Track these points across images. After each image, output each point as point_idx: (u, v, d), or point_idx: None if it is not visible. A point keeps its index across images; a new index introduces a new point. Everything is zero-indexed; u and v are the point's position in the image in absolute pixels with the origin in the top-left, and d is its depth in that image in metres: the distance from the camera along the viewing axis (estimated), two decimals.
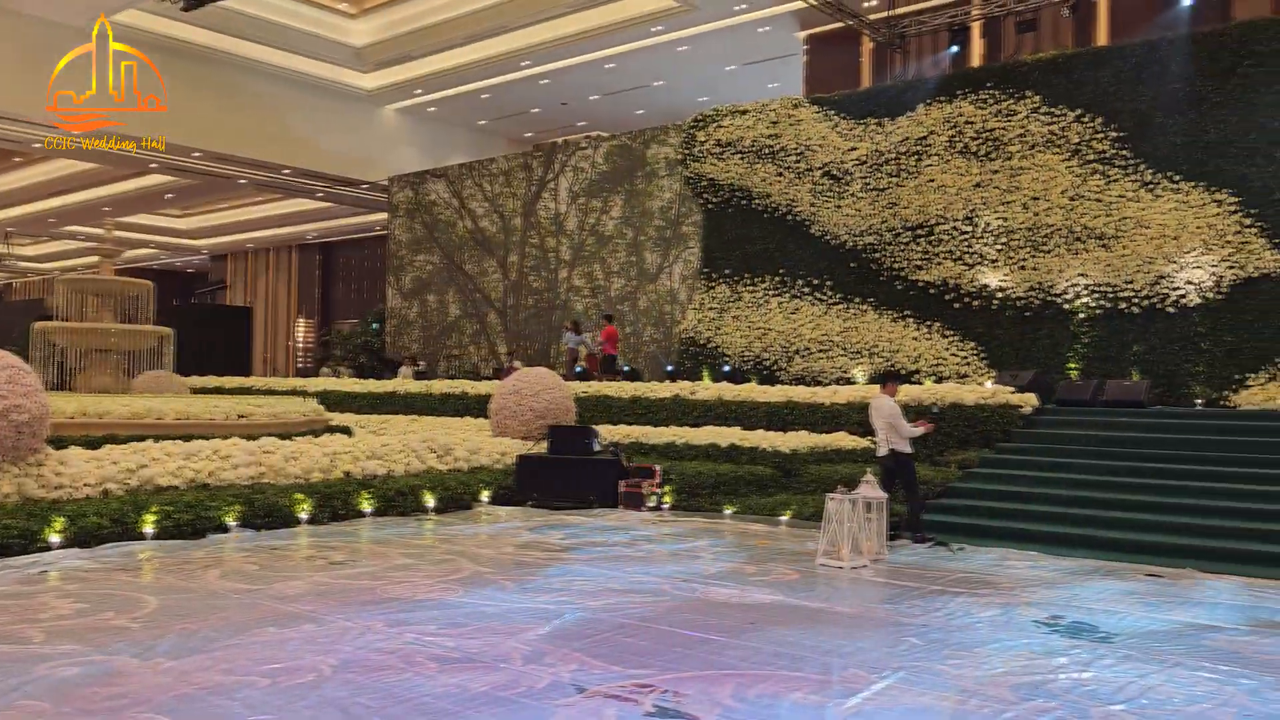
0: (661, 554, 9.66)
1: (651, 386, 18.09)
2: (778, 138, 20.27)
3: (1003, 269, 17.39)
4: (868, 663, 5.87)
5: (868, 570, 8.99)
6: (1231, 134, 15.61)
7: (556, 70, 27.98)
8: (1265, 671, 5.84)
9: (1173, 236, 15.79)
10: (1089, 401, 14.92)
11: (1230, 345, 15.23)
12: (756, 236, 20.45)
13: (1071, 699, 5.27)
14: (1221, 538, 10.00)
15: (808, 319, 19.41)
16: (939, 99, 18.46)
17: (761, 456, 13.88)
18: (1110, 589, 8.31)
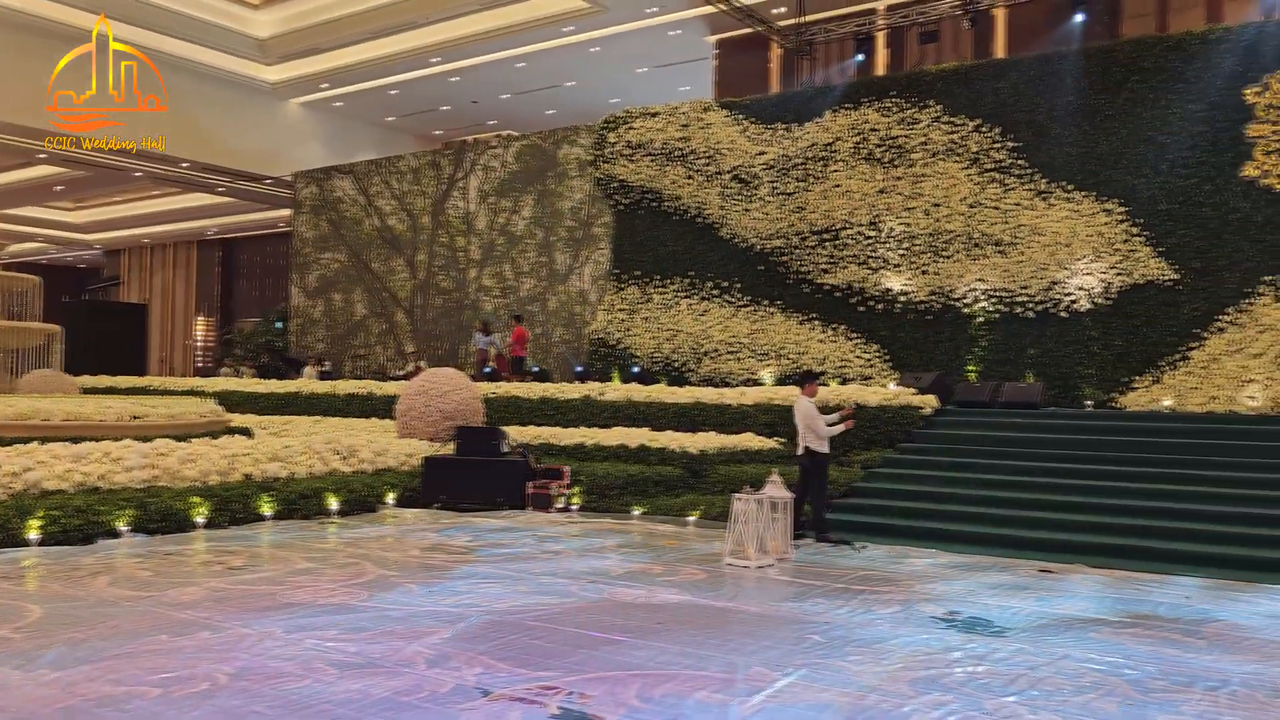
0: (569, 555, 9.64)
1: (561, 387, 18.05)
2: (688, 141, 20.42)
3: (905, 273, 17.81)
4: (771, 660, 5.94)
5: (773, 569, 9.11)
6: (1120, 146, 16.26)
7: (466, 68, 27.74)
8: (1146, 662, 6.09)
9: (1065, 244, 16.38)
10: (987, 403, 15.38)
11: (1119, 349, 15.87)
12: (667, 238, 20.57)
13: (966, 692, 5.42)
14: (1108, 534, 10.40)
15: (717, 321, 19.59)
16: (845, 106, 18.82)
17: (670, 457, 13.96)
18: (1005, 584, 8.58)
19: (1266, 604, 7.94)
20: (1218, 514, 10.52)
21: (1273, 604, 7.95)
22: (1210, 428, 13.21)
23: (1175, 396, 14.95)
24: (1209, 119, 15.60)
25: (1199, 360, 15.11)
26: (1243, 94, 15.37)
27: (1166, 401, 14.96)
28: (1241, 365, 14.66)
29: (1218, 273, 15.30)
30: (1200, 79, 15.72)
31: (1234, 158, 15.36)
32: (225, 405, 18.18)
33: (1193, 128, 15.71)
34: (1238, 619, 7.37)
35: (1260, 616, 7.47)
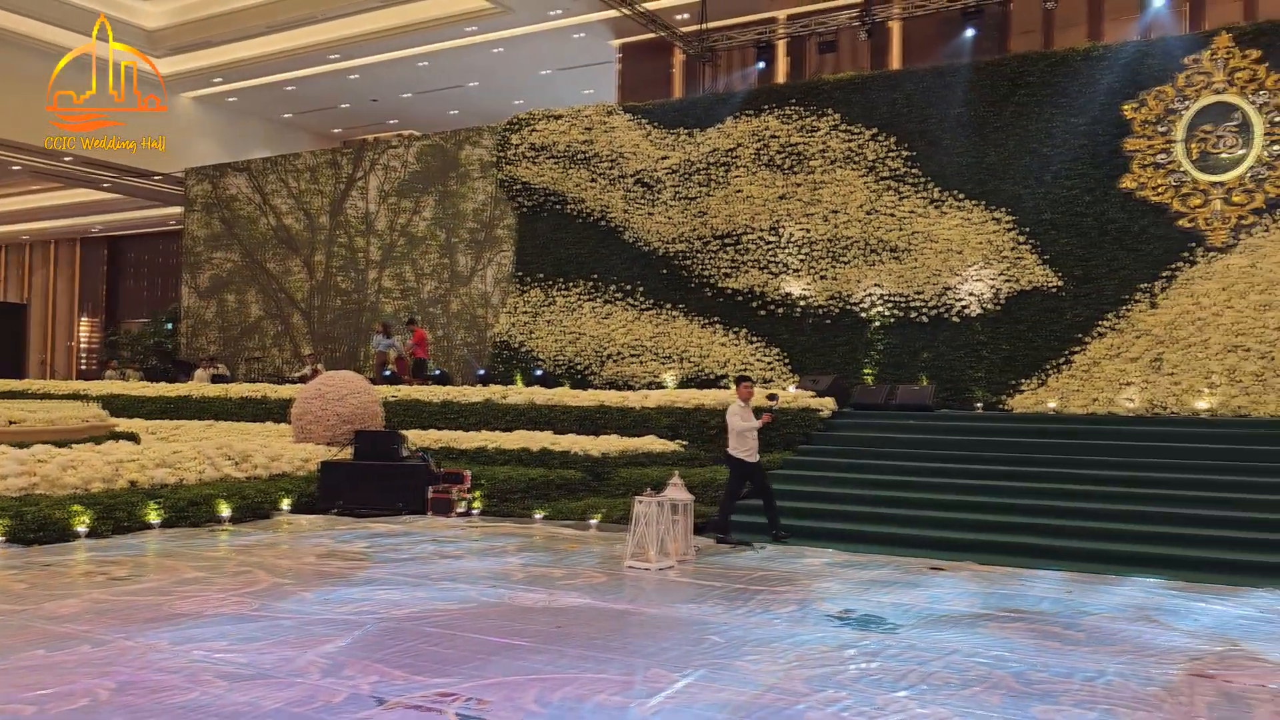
0: (469, 560, 9.55)
1: (463, 391, 17.86)
2: (591, 144, 20.44)
3: (805, 278, 18.13)
4: (670, 662, 5.99)
5: (674, 571, 9.17)
6: (1007, 157, 16.85)
7: (366, 65, 27.26)
8: (1029, 654, 6.32)
9: (957, 251, 16.90)
10: (882, 405, 15.75)
11: (1006, 353, 16.43)
12: (570, 241, 20.55)
13: (859, 688, 5.55)
14: (997, 531, 10.76)
15: (620, 324, 19.65)
16: (746, 113, 19.09)
17: (572, 460, 13.94)
18: (898, 582, 8.80)
19: (1137, 595, 8.32)
20: (1099, 511, 10.96)
21: (1142, 595, 8.33)
22: (1091, 428, 13.77)
23: (1059, 399, 15.56)
24: (1090, 133, 16.28)
25: (1081, 364, 15.75)
26: (1121, 109, 16.09)
27: (1051, 403, 15.56)
28: (1120, 369, 15.33)
29: (1098, 280, 15.97)
30: (1082, 94, 16.40)
31: (1113, 170, 16.07)
32: (110, 409, 17.49)
33: (1075, 141, 16.37)
34: (1116, 611, 7.70)
35: (1138, 609, 7.81)
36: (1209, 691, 5.62)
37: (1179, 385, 14.79)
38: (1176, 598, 8.31)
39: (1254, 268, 14.89)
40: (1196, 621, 7.43)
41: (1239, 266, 15.03)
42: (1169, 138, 15.76)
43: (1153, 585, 8.85)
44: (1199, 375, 14.70)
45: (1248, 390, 14.29)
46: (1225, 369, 14.56)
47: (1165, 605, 7.99)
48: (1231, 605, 8.04)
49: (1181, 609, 7.85)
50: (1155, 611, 7.73)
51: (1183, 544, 10.01)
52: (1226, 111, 15.45)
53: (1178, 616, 7.58)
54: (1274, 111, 15.12)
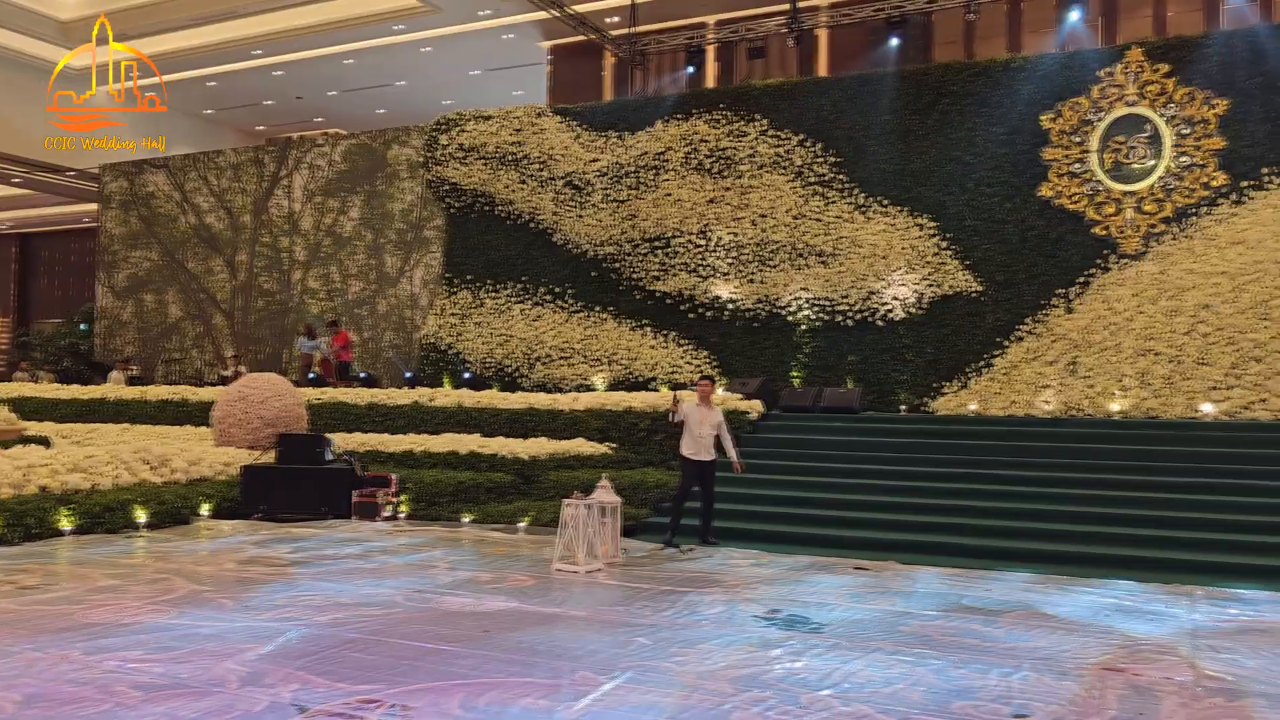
0: (395, 565, 9.44)
1: (390, 393, 17.64)
2: (521, 145, 20.35)
3: (733, 281, 18.28)
4: (597, 664, 5.99)
5: (602, 574, 9.17)
6: (931, 165, 17.20)
7: (291, 62, 26.80)
8: (950, 652, 6.46)
9: (882, 256, 17.18)
10: (809, 408, 15.95)
11: (930, 357, 16.76)
12: (499, 243, 20.44)
13: (784, 687, 5.61)
14: (920, 531, 10.97)
15: (550, 326, 19.59)
16: (676, 116, 19.18)
17: (501, 463, 13.86)
18: (823, 582, 8.92)
19: (1057, 594, 8.55)
20: (1019, 511, 11.25)
21: (1063, 594, 8.56)
22: (1011, 430, 14.11)
23: (980, 401, 15.91)
24: (1010, 142, 16.70)
25: (1001, 367, 16.13)
26: (1039, 119, 16.53)
27: (972, 406, 15.90)
28: (1038, 372, 15.74)
29: (1017, 285, 16.38)
30: (1002, 104, 16.81)
31: (1031, 179, 16.50)
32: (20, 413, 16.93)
33: (995, 149, 16.77)
34: (1033, 608, 7.90)
35: (1052, 605, 8.03)
36: (1119, 684, 5.79)
37: (1093, 388, 15.23)
38: (1098, 594, 8.55)
39: (1163, 275, 15.41)
40: (1110, 617, 7.65)
41: (1150, 273, 15.53)
42: (1084, 148, 16.23)
43: (1076, 582, 9.09)
44: (1112, 378, 15.16)
45: (1158, 393, 14.78)
46: (1137, 372, 15.03)
47: (1089, 602, 8.21)
48: (1146, 601, 8.30)
49: (1099, 605, 8.08)
50: (1075, 607, 7.94)
51: (1104, 542, 10.31)
52: (1138, 123, 15.97)
53: (1096, 612, 7.79)
54: (1182, 124, 15.67)
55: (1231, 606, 8.17)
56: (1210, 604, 8.26)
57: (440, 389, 18.08)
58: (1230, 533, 10.25)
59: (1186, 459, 12.21)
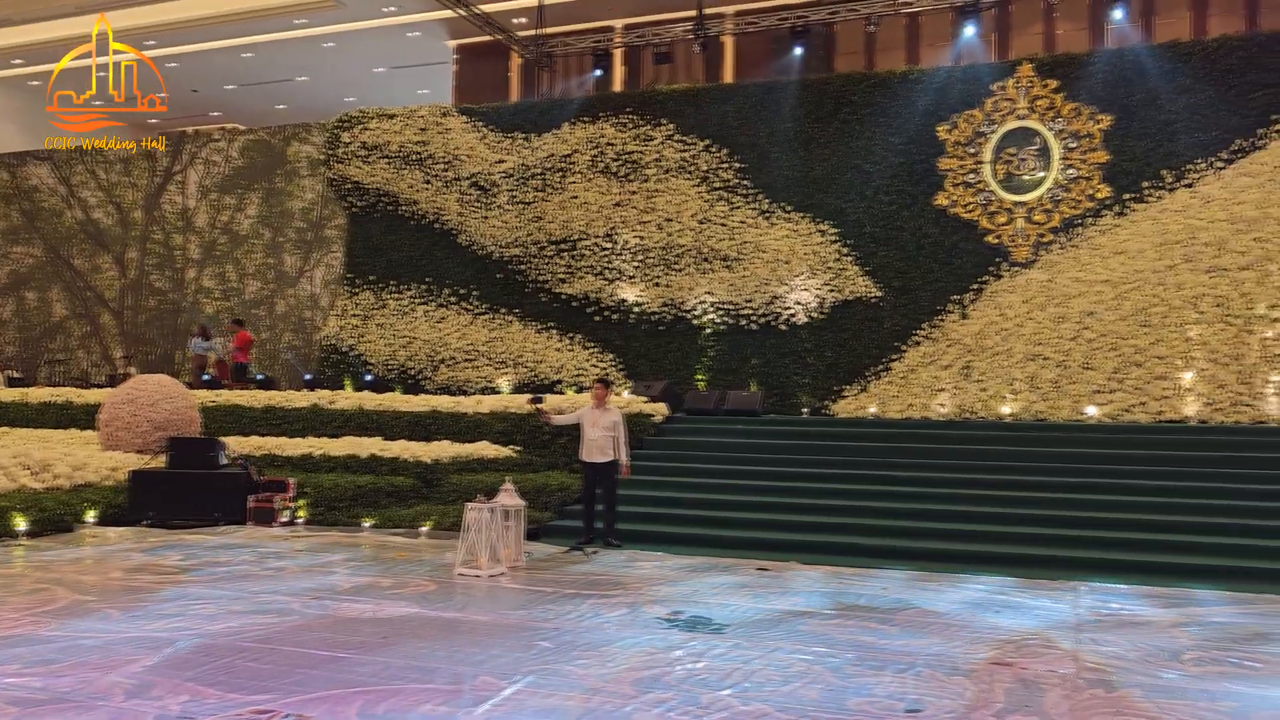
0: (292, 571, 9.22)
1: (288, 396, 17.23)
2: (426, 145, 20.10)
3: (639, 285, 18.36)
4: (499, 669, 5.95)
5: (505, 578, 9.11)
6: (832, 172, 17.55)
7: (186, 54, 25.95)
8: (847, 650, 6.59)
9: (785, 261, 17.46)
10: (713, 410, 16.11)
11: (830, 360, 17.09)
12: (403, 243, 20.14)
13: (685, 688, 5.65)
14: (820, 532, 11.18)
15: (454, 328, 19.38)
16: (583, 119, 19.18)
17: (403, 467, 13.65)
18: (725, 583, 9.02)
19: (951, 592, 8.81)
20: (915, 511, 11.55)
21: (957, 592, 8.83)
22: (908, 432, 14.49)
23: (879, 404, 16.29)
24: (907, 151, 17.14)
25: (899, 371, 16.54)
26: (936, 130, 17.00)
27: (871, 409, 16.27)
28: (934, 376, 16.18)
29: (914, 291, 16.81)
30: (901, 115, 17.24)
31: (928, 188, 16.96)
32: None
33: (894, 159, 17.19)
34: (927, 605, 8.13)
35: (945, 603, 8.27)
36: (1007, 678, 5.99)
37: (986, 391, 15.73)
38: (988, 591, 8.83)
39: (1051, 282, 16.00)
40: (999, 614, 7.91)
41: (1038, 281, 16.11)
42: (978, 159, 16.76)
43: (969, 580, 9.37)
44: (1004, 382, 15.68)
45: (1045, 396, 15.34)
46: (1026, 376, 15.58)
47: (978, 599, 8.48)
48: (1034, 597, 8.61)
49: (989, 602, 8.35)
50: (967, 605, 8.20)
51: (997, 541, 10.65)
52: (1028, 136, 16.56)
53: (986, 609, 8.05)
54: (1069, 138, 16.31)
55: (1113, 601, 8.52)
56: (1093, 598, 8.61)
57: (341, 391, 17.73)
58: (1112, 530, 10.69)
59: (1072, 460, 12.69)
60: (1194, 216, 15.40)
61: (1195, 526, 10.58)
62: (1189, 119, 15.75)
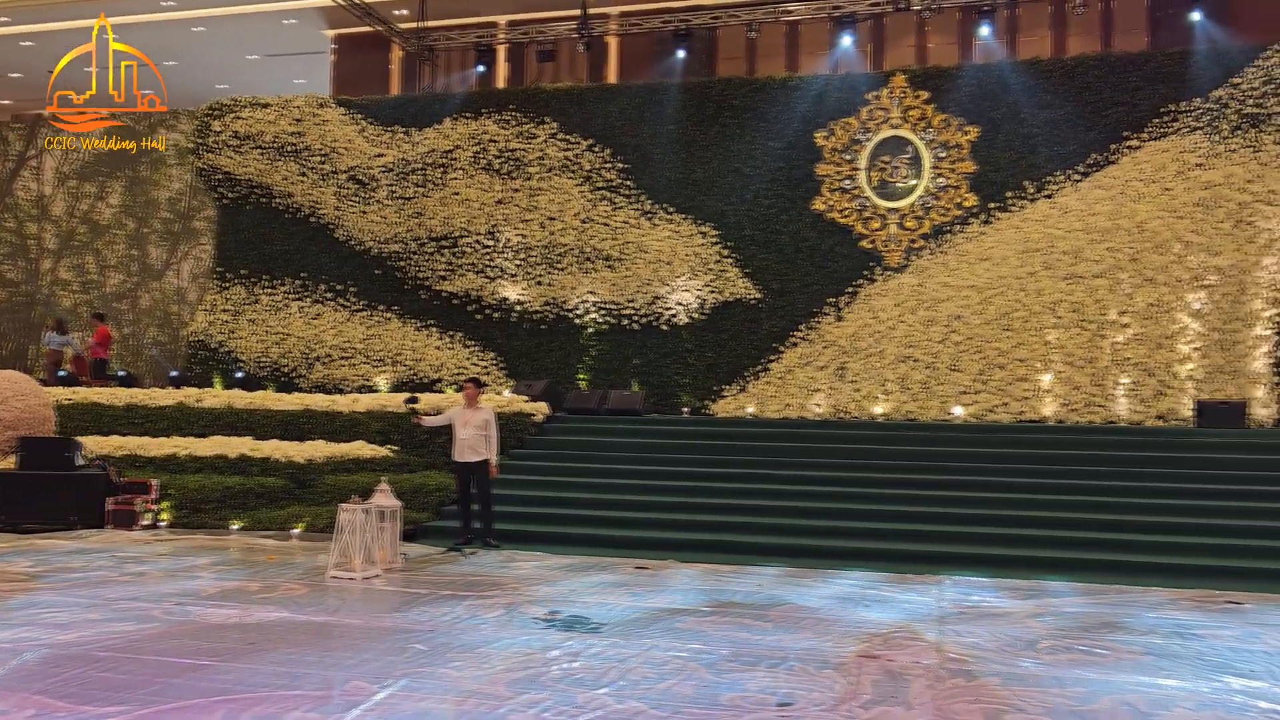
0: (153, 576, 8.85)
1: (151, 393, 16.51)
2: (302, 136, 19.55)
3: (521, 283, 18.26)
4: (371, 673, 5.82)
5: (380, 580, 8.94)
6: (713, 175, 17.79)
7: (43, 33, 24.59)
8: (721, 646, 6.69)
9: (666, 262, 17.62)
10: (594, 410, 16.13)
11: (711, 360, 17.32)
12: (277, 237, 19.55)
13: (561, 688, 5.64)
14: (699, 530, 11.32)
15: (330, 325, 18.92)
16: (465, 115, 18.97)
17: (275, 468, 13.25)
18: (604, 582, 9.04)
19: (824, 588, 9.03)
20: (791, 509, 11.80)
21: (829, 587, 9.05)
22: (786, 432, 14.79)
23: (757, 404, 16.60)
24: (786, 156, 17.50)
25: (777, 371, 16.88)
26: (814, 137, 17.41)
27: (750, 408, 16.57)
28: (810, 376, 16.57)
29: (792, 294, 17.18)
30: (780, 120, 17.59)
31: (806, 192, 17.36)
32: None
33: (773, 163, 17.53)
34: (801, 601, 8.31)
35: (818, 598, 8.48)
36: (875, 670, 6.18)
37: (860, 392, 16.20)
38: (859, 587, 9.08)
39: (921, 286, 16.57)
40: (869, 608, 8.15)
41: (910, 285, 16.66)
42: (854, 165, 17.23)
43: (841, 576, 9.62)
44: (876, 383, 16.17)
45: (915, 397, 15.89)
46: (898, 377, 16.10)
47: (849, 594, 8.71)
48: (902, 591, 8.89)
49: (860, 597, 8.60)
50: (839, 600, 8.42)
51: (869, 538, 10.95)
52: (901, 145, 17.10)
53: (856, 604, 8.28)
54: (939, 148, 16.91)
55: (974, 593, 8.88)
56: (956, 591, 8.95)
57: (209, 389, 17.08)
58: (975, 525, 11.13)
59: (939, 459, 13.17)
60: (1053, 226, 16.17)
61: (1050, 521, 11.11)
62: (1049, 133, 16.52)
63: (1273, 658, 6.64)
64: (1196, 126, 15.88)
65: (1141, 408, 15.24)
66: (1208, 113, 15.86)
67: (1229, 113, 15.74)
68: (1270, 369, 15.08)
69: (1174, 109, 16.02)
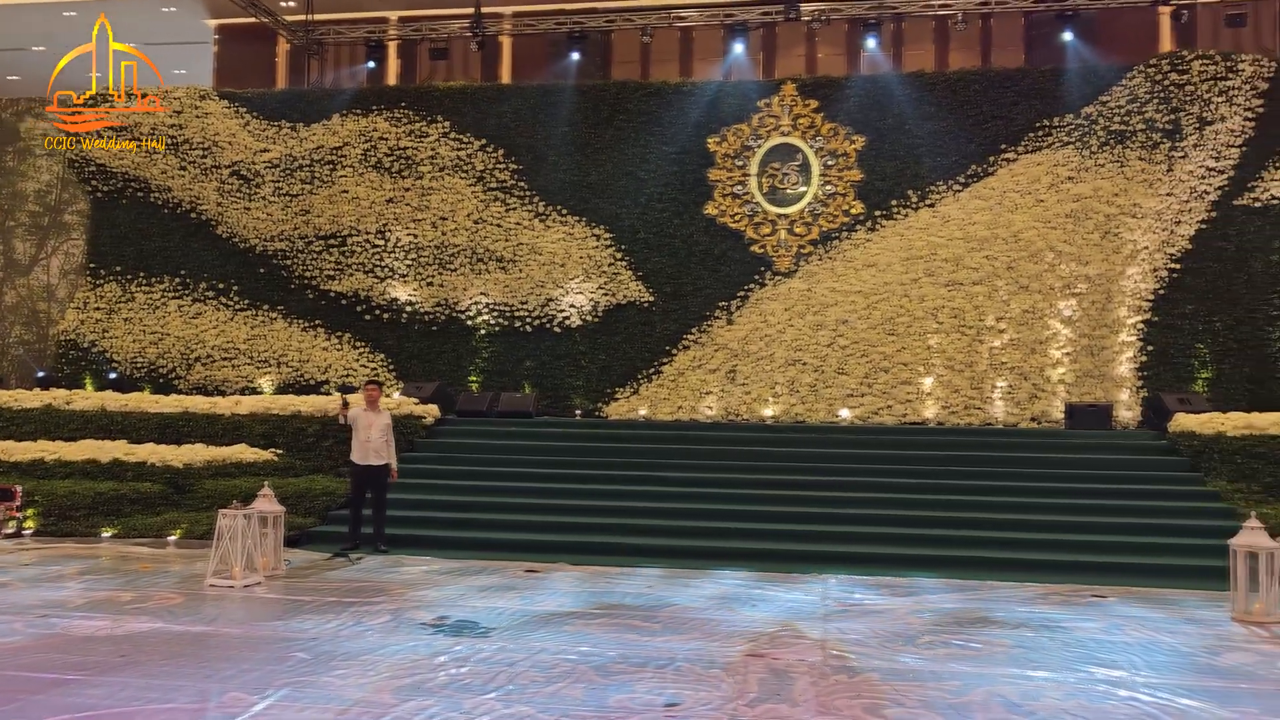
0: (16, 586, 8.43)
1: (16, 395, 15.72)
2: (182, 129, 18.87)
3: (412, 284, 17.98)
4: (250, 684, 5.66)
5: (262, 588, 8.69)
6: (607, 178, 17.83)
7: None
8: (610, 648, 6.71)
9: (560, 264, 17.58)
10: (485, 412, 15.99)
11: (603, 363, 17.35)
12: (155, 232, 18.82)
13: (448, 694, 5.58)
14: (589, 533, 11.32)
15: (211, 325, 18.30)
16: (355, 111, 18.59)
17: (150, 472, 12.74)
18: (493, 586, 8.97)
19: (712, 588, 9.13)
20: (681, 510, 11.91)
21: (717, 587, 9.16)
22: (677, 434, 14.92)
23: (649, 406, 16.70)
24: (680, 161, 17.66)
25: (669, 374, 17.01)
26: (707, 142, 17.62)
27: (642, 411, 16.66)
28: (701, 379, 16.76)
29: (684, 297, 17.34)
30: (674, 125, 17.74)
31: (698, 197, 17.54)
32: None
33: (667, 168, 17.67)
34: (689, 602, 8.39)
35: (706, 599, 8.58)
36: (760, 669, 6.28)
37: (750, 395, 16.45)
38: (746, 587, 9.22)
39: (810, 291, 16.92)
40: (756, 608, 8.28)
41: (799, 290, 17.00)
42: (745, 171, 17.50)
43: (729, 577, 9.74)
44: (766, 386, 16.44)
45: (804, 399, 16.23)
46: (787, 380, 16.41)
47: (737, 595, 8.83)
48: (788, 591, 9.06)
49: (747, 597, 8.72)
50: (727, 601, 8.53)
51: (758, 538, 11.12)
52: (791, 152, 17.44)
53: (744, 604, 8.41)
54: (828, 156, 17.30)
55: (857, 591, 9.11)
56: (840, 590, 9.16)
57: (80, 391, 16.35)
58: (859, 525, 11.41)
59: (826, 460, 13.46)
60: (935, 234, 16.71)
61: (931, 520, 11.47)
62: (932, 144, 17.06)
63: (1132, 648, 6.99)
64: (1068, 141, 16.62)
65: (1017, 410, 15.86)
66: (1078, 128, 16.61)
67: (1097, 129, 16.52)
68: (1134, 373, 15.88)
69: (1048, 124, 16.74)
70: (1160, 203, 16.16)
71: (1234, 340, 15.84)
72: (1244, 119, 16.15)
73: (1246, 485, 11.89)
